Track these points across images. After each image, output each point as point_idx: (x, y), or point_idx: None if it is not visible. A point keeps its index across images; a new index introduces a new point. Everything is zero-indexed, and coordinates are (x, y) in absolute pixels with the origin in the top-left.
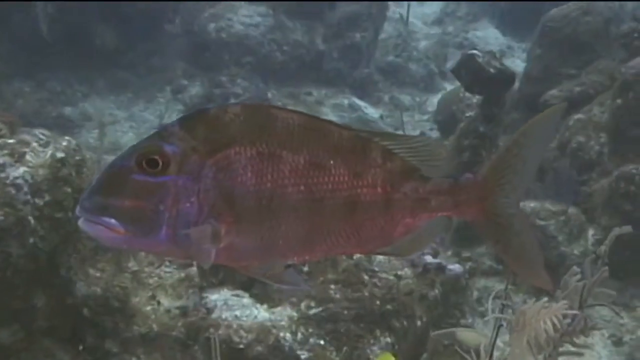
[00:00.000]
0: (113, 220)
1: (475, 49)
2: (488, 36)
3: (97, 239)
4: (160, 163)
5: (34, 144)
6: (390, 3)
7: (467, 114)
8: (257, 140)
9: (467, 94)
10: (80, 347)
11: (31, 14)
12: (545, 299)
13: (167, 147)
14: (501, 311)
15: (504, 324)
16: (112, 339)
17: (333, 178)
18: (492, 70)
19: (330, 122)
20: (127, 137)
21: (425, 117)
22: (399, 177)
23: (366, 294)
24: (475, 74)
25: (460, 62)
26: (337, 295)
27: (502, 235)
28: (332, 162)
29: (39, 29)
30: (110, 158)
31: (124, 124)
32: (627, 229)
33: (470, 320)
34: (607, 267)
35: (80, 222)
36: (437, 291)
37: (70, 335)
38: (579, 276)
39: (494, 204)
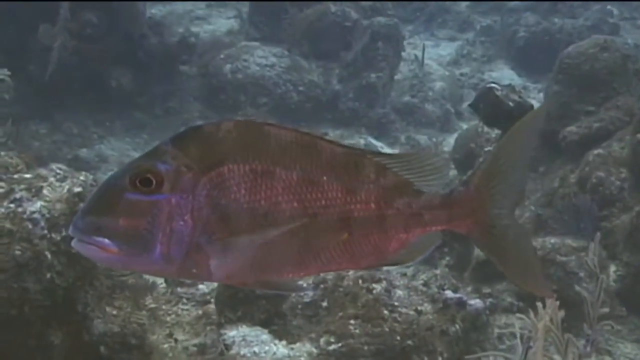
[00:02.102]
0: (106, 240)
1: (494, 82)
2: (503, 77)
3: (91, 259)
4: (154, 181)
5: (51, 179)
6: (405, 44)
7: (486, 149)
8: (250, 157)
9: (486, 129)
10: None
11: (48, 58)
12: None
13: (160, 166)
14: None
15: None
16: None
17: (326, 194)
18: (510, 103)
19: (322, 138)
20: None
21: None
22: (392, 193)
23: (386, 329)
24: (494, 107)
25: (478, 96)
26: (357, 331)
27: (498, 246)
28: (325, 178)
29: (49, 71)
30: None
31: None
32: (597, 236)
33: (491, 359)
34: (603, 277)
35: (74, 243)
36: (458, 327)
37: None
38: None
39: (488, 215)
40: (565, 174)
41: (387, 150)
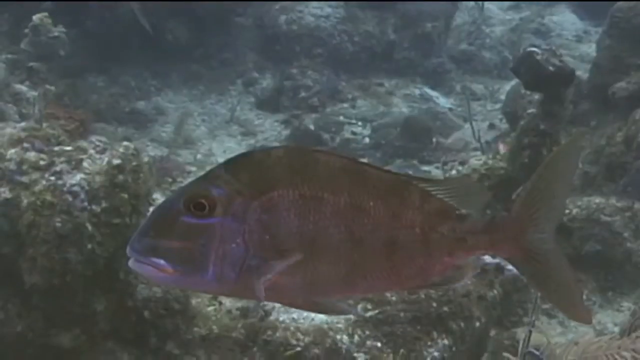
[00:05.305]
0: (162, 261)
1: (534, 45)
2: (565, 21)
3: (147, 278)
4: (207, 206)
5: (91, 151)
6: None
7: (529, 111)
8: (299, 183)
9: (528, 92)
10: None
11: (105, 12)
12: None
13: (214, 190)
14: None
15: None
16: (174, 341)
17: (373, 219)
18: (551, 67)
19: (369, 165)
20: (200, 131)
21: (497, 106)
22: (436, 218)
23: (422, 296)
24: (534, 71)
25: (519, 60)
26: (394, 298)
27: (539, 271)
28: (371, 203)
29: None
30: (183, 152)
31: (196, 117)
32: None
33: (533, 318)
34: None
35: (131, 263)
36: (495, 292)
37: (133, 337)
38: None
39: (530, 240)
40: (613, 132)
41: (442, 100)
